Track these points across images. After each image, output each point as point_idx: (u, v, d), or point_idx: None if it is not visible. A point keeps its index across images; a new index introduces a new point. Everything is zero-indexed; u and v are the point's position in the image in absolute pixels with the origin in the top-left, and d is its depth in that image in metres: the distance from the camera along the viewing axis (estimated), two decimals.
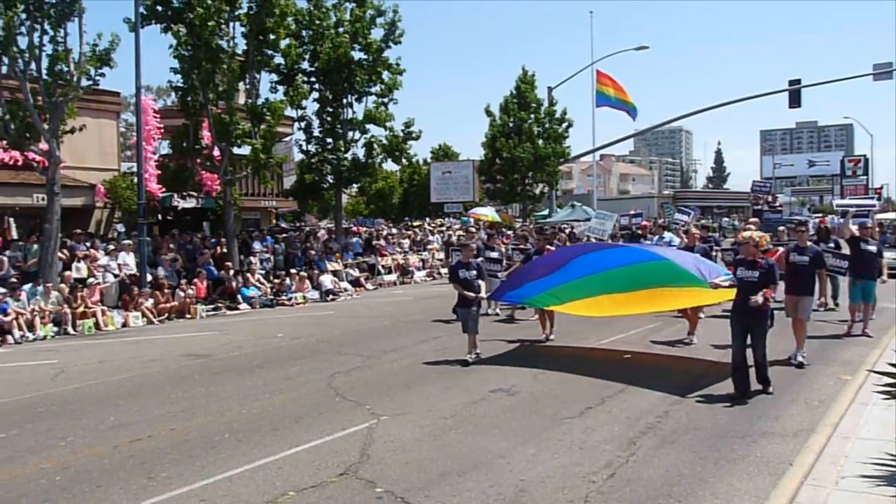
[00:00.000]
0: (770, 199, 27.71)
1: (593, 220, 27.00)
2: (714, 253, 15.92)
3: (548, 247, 15.29)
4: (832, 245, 14.49)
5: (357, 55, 26.46)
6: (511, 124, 36.74)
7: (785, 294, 11.44)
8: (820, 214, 44.89)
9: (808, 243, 11.83)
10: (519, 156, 35.53)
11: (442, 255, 29.35)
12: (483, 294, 12.11)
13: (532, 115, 37.21)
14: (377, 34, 26.76)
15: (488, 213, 37.12)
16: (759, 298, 8.78)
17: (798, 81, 34.52)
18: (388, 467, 6.79)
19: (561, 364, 11.37)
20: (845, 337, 12.94)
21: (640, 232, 22.31)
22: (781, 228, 18.45)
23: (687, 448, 7.17)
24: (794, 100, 34.08)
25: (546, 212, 41.31)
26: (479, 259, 17.40)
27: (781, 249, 12.76)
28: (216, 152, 22.51)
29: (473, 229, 28.78)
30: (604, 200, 67.30)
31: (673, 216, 34.22)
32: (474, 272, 11.85)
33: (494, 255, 17.37)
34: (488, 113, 37.48)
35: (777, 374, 9.90)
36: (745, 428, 7.75)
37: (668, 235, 16.48)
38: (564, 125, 37.75)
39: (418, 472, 6.68)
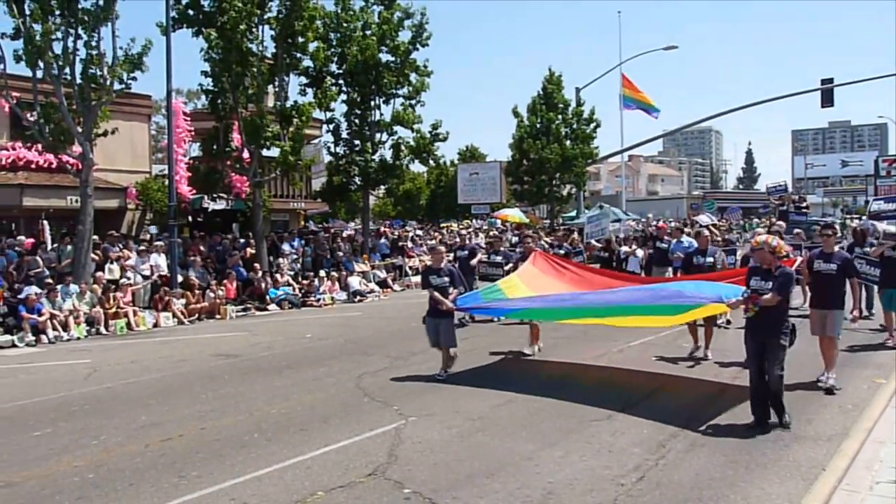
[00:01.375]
0: (796, 198, 26.59)
1: (587, 226, 25.49)
2: (735, 258, 15.36)
3: (536, 250, 13.46)
4: (867, 249, 12.97)
5: (385, 57, 26.51)
6: (538, 125, 36.53)
7: (810, 308, 10.30)
8: (857, 216, 43.91)
9: (836, 249, 10.40)
10: (546, 157, 35.32)
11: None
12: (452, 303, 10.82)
13: (560, 116, 36.97)
14: (405, 36, 26.84)
15: (515, 214, 37.11)
16: (731, 300, 8.07)
17: (831, 80, 34.12)
18: (416, 468, 6.80)
19: (589, 367, 11.32)
20: (889, 346, 12.06)
21: (655, 234, 21.23)
22: (797, 231, 17.26)
23: (717, 451, 7.09)
24: (827, 99, 33.69)
25: (574, 213, 41.14)
26: (478, 259, 17.29)
27: (801, 256, 11.37)
28: (246, 154, 22.68)
29: (464, 231, 28.60)
30: (632, 201, 67.06)
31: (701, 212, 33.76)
32: (446, 279, 10.83)
33: (498, 258, 16.61)
34: (515, 114, 37.33)
35: (809, 379, 9.73)
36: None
37: (686, 240, 15.08)
38: (592, 126, 37.47)
39: (446, 473, 6.68)
